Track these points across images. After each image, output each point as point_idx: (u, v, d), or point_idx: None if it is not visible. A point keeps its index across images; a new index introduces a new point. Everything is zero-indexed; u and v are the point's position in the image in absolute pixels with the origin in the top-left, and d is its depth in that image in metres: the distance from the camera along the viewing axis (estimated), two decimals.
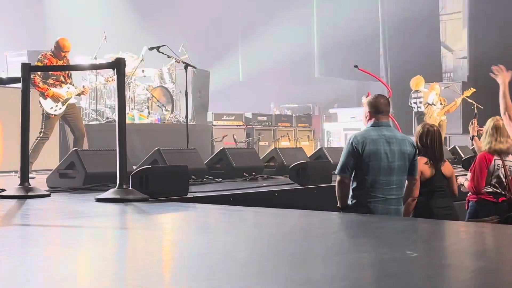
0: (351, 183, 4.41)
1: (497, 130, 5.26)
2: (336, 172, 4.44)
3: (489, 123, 5.36)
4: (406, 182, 4.50)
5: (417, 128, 5.07)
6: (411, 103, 11.16)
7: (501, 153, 5.23)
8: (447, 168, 4.94)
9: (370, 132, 4.35)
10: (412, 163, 4.45)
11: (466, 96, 11.39)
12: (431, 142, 4.84)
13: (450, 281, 2.12)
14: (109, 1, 13.58)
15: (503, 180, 5.21)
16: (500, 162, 5.22)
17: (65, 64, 7.67)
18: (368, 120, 4.48)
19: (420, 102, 11.05)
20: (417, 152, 4.56)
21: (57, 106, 7.55)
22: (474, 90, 11.27)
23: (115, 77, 4.71)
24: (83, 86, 8.36)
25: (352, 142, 4.33)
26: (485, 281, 2.12)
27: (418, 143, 4.84)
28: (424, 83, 11.20)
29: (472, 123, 7.19)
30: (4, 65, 10.96)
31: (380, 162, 4.29)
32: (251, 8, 15.15)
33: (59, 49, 7.57)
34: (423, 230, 3.58)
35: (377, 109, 4.43)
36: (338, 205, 4.46)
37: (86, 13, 13.62)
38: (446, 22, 15.28)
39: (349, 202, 4.41)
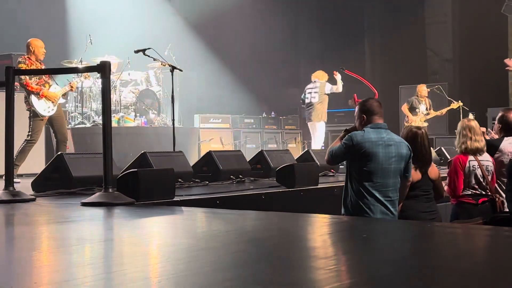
0: (350, 184, 4.42)
1: (471, 129, 5.27)
2: (327, 152, 4.54)
3: (461, 123, 5.37)
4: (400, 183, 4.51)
5: (404, 131, 5.04)
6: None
7: (478, 152, 5.24)
8: (432, 170, 4.90)
9: (370, 134, 4.36)
10: (407, 165, 4.47)
11: (452, 108, 11.51)
12: (419, 146, 4.78)
13: (437, 283, 2.12)
14: (93, 2, 13.53)
15: (481, 180, 5.22)
16: (475, 163, 5.22)
17: (43, 66, 7.64)
18: (363, 123, 4.47)
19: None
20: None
21: (49, 107, 7.52)
22: (461, 103, 11.38)
23: (99, 79, 4.70)
24: (70, 83, 8.34)
25: (353, 140, 4.34)
26: (472, 283, 2.13)
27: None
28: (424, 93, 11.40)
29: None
30: None
31: (379, 164, 4.30)
32: (237, 10, 15.15)
33: (35, 50, 7.54)
34: (410, 231, 3.59)
35: (372, 111, 4.45)
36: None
37: (71, 16, 13.56)
38: (432, 24, 15.33)
39: (348, 204, 4.42)
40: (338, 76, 10.96)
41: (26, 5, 12.61)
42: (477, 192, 5.22)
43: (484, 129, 6.06)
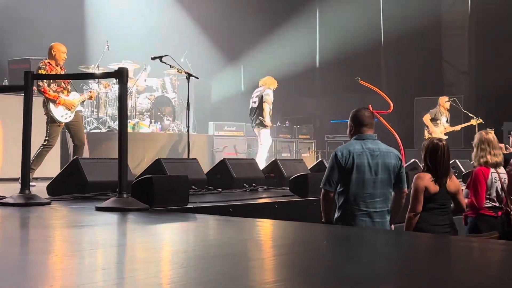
0: (336, 196, 4.42)
1: (489, 143, 5.25)
2: (321, 186, 4.44)
3: (479, 136, 5.34)
4: (393, 194, 4.47)
5: (425, 142, 4.99)
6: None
7: (497, 166, 5.24)
8: (452, 183, 4.80)
9: (355, 145, 4.36)
10: (399, 175, 4.42)
11: (472, 124, 11.42)
12: (439, 158, 4.70)
13: None
14: (111, 9, 13.64)
15: (500, 193, 5.21)
16: (496, 175, 5.22)
17: (64, 70, 7.71)
18: (352, 133, 4.48)
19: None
20: (419, 167, 4.54)
21: (66, 114, 7.59)
22: (481, 121, 11.27)
23: (116, 85, 4.75)
24: (90, 91, 8.41)
25: (336, 155, 4.34)
26: None
27: (427, 158, 4.74)
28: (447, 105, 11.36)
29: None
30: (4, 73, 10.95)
31: (364, 175, 4.30)
32: (254, 19, 15.22)
33: (56, 55, 7.60)
34: (414, 243, 3.58)
35: (361, 122, 4.45)
36: (322, 220, 4.47)
37: (89, 22, 13.68)
38: (448, 36, 15.29)
39: (336, 215, 4.43)
40: None
41: (45, 10, 12.73)
42: (495, 204, 5.22)
43: (502, 145, 6.04)
